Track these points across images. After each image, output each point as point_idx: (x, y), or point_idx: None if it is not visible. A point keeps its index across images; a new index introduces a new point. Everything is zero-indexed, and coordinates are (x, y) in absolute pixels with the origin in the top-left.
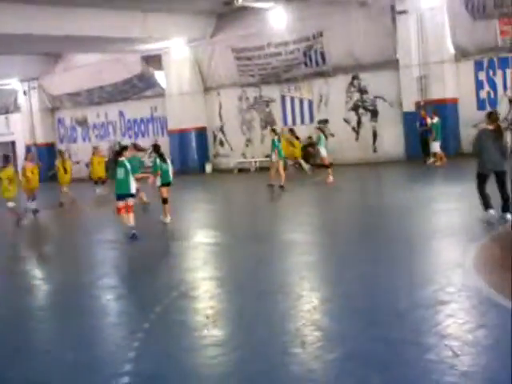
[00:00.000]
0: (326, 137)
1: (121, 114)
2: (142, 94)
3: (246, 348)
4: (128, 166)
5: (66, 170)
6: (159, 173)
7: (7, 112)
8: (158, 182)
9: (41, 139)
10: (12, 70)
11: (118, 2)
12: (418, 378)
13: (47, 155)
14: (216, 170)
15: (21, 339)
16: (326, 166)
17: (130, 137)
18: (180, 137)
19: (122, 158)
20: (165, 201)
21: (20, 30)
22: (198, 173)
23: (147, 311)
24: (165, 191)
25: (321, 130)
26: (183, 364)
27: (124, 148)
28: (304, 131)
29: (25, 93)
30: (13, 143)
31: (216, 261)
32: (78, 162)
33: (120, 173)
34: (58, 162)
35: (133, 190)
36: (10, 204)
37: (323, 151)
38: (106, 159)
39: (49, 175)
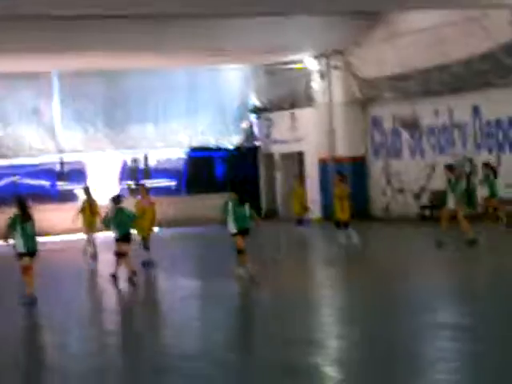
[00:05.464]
0: None
1: (475, 110)
2: None
3: None
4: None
5: None
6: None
7: (293, 106)
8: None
9: (344, 150)
10: (304, 39)
11: None
12: None
13: (353, 175)
14: None
15: None
16: None
17: (489, 149)
18: None
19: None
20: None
21: None
22: None
23: None
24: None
25: None
26: None
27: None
28: None
29: (322, 75)
30: (300, 155)
31: None
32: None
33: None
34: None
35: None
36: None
37: None
38: None
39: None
